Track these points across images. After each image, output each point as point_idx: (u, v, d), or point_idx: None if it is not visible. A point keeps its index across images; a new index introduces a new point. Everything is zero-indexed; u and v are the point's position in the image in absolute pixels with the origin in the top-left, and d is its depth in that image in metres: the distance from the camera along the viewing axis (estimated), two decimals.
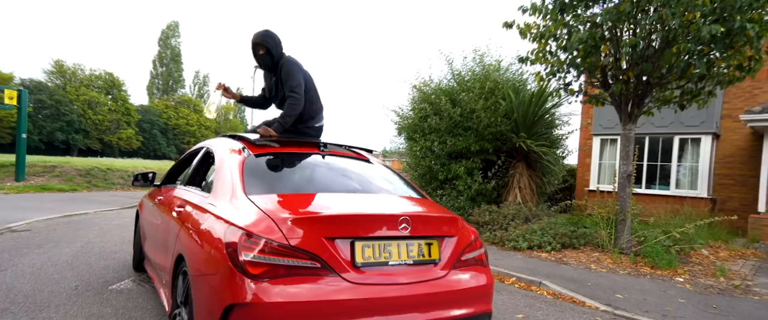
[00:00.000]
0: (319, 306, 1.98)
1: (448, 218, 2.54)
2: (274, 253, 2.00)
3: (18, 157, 12.38)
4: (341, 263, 2.09)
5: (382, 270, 2.18)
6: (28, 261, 4.75)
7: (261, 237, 2.03)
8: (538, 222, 6.99)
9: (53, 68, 54.17)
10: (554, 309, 4.10)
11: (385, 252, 2.23)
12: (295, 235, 2.06)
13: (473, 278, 2.46)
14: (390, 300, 2.12)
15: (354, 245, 2.15)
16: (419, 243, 2.33)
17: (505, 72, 9.08)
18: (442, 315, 2.26)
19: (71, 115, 51.48)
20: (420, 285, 2.22)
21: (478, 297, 2.44)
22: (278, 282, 1.97)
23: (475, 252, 2.54)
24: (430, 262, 2.34)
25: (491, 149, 8.16)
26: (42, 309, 3.31)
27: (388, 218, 2.30)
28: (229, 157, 2.84)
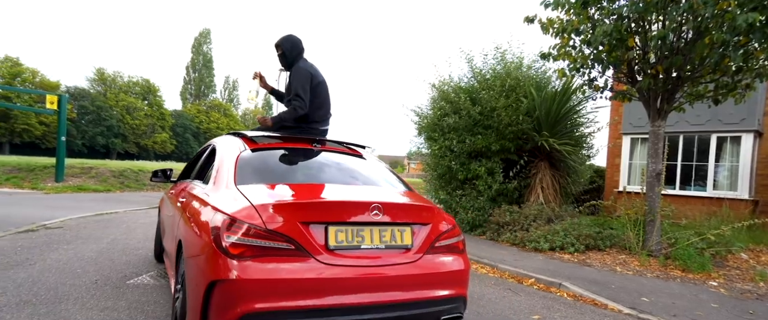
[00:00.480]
0: (291, 284, 2.17)
1: (422, 207, 2.72)
2: (253, 236, 2.20)
3: (58, 159, 13.05)
4: (315, 245, 2.27)
5: (354, 253, 2.35)
6: (56, 256, 4.95)
7: (243, 222, 2.23)
8: (560, 223, 6.75)
9: (95, 76, 56.88)
10: (573, 311, 3.92)
11: (357, 236, 2.39)
12: (273, 220, 2.26)
13: (446, 263, 2.62)
14: (361, 280, 2.30)
15: (328, 229, 2.33)
16: (392, 229, 2.50)
17: (529, 70, 8.86)
18: (414, 296, 2.43)
19: (111, 120, 53.91)
20: (391, 268, 2.40)
21: (451, 281, 2.59)
22: (255, 262, 2.17)
23: (450, 240, 2.69)
24: (402, 247, 2.50)
25: (512, 148, 7.95)
26: (61, 301, 3.43)
27: (360, 205, 2.45)
28: (227, 152, 3.07)
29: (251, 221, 2.23)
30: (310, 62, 3.91)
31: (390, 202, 2.58)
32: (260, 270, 2.16)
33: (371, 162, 3.47)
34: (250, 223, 2.22)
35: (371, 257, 2.38)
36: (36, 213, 8.13)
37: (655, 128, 6.40)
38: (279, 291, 2.16)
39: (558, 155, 7.91)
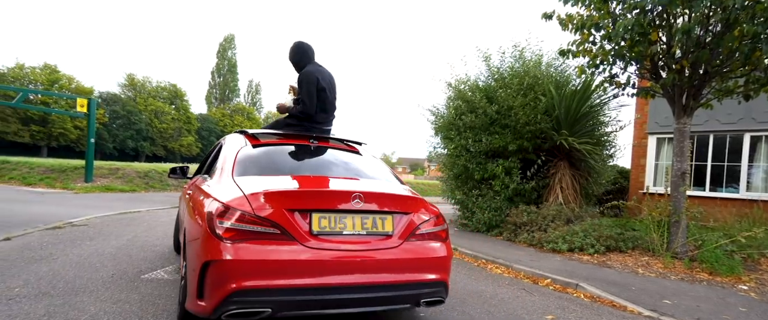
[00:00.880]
0: (276, 265, 2.40)
1: (404, 197, 2.90)
2: (243, 222, 2.44)
3: (87, 160, 13.54)
4: (299, 230, 2.49)
5: (336, 238, 2.57)
6: (78, 251, 5.11)
7: (236, 209, 2.47)
8: (580, 224, 6.54)
9: (126, 81, 58.87)
10: (590, 312, 3.78)
11: (340, 223, 2.60)
12: (261, 207, 2.49)
13: (427, 250, 2.80)
14: (342, 262, 2.52)
15: (311, 216, 2.55)
16: (373, 217, 2.70)
17: (549, 67, 8.66)
18: (394, 279, 2.63)
19: (140, 124, 55.71)
20: (372, 252, 2.60)
21: (431, 267, 2.78)
22: (244, 244, 2.40)
23: (432, 228, 2.88)
24: (383, 234, 2.70)
25: (530, 147, 7.78)
26: (77, 293, 3.52)
27: (342, 194, 2.67)
28: (229, 148, 3.34)
29: (242, 208, 2.47)
30: (319, 66, 4.07)
31: (371, 192, 2.74)
32: (249, 251, 2.39)
33: (366, 157, 3.65)
34: (241, 210, 2.46)
35: (353, 242, 2.59)
36: (64, 211, 8.44)
37: (680, 125, 6.14)
38: (265, 271, 2.38)
39: (578, 155, 7.69)
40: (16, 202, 9.71)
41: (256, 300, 2.38)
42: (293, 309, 2.45)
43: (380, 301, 2.67)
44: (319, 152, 3.51)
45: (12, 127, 47.39)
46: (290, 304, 2.43)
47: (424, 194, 19.35)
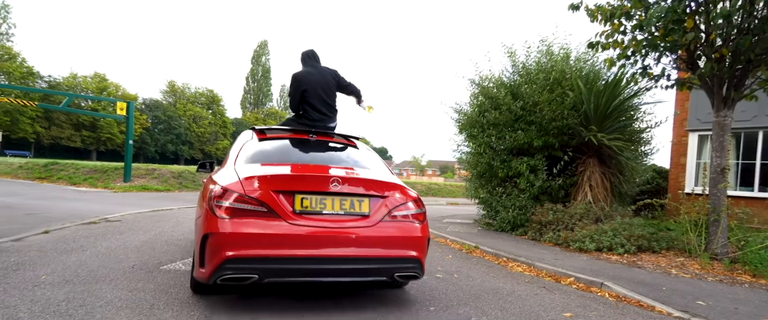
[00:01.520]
0: (262, 237, 2.81)
1: (381, 183, 3.21)
2: (236, 201, 2.86)
3: (125, 162, 14.22)
4: (284, 209, 2.90)
5: (317, 216, 2.96)
6: (106, 244, 5.33)
7: (232, 191, 2.89)
8: (609, 223, 6.21)
9: (167, 88, 61.56)
10: (612, 311, 3.56)
11: (320, 203, 2.99)
12: (252, 189, 2.92)
13: (402, 229, 3.14)
14: (321, 237, 2.89)
15: (294, 197, 2.95)
16: (351, 199, 3.06)
17: (579, 62, 8.33)
18: (368, 253, 2.99)
19: (179, 128, 58.10)
20: (349, 230, 2.96)
21: (405, 245, 3.11)
22: (236, 220, 2.82)
23: (408, 211, 3.21)
24: (360, 214, 3.06)
25: (557, 144, 7.49)
26: (97, 281, 3.66)
27: (322, 179, 3.06)
28: (238, 142, 3.86)
29: (236, 190, 2.89)
30: (310, 69, 4.40)
31: (349, 177, 3.14)
32: (240, 226, 2.81)
33: (361, 150, 4.04)
34: (236, 192, 2.88)
35: (332, 220, 2.97)
36: (102, 208, 8.86)
37: (719, 118, 5.74)
38: (253, 242, 2.79)
39: (608, 152, 7.34)
40: (61, 199, 10.29)
41: (245, 267, 2.79)
42: (276, 276, 2.86)
43: (356, 272, 3.04)
44: (317, 145, 3.94)
45: (66, 132, 50.88)
46: (274, 271, 2.84)
47: (452, 195, 18.99)
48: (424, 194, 20.94)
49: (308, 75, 4.32)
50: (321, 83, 4.31)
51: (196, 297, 3.37)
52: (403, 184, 3.35)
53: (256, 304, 3.26)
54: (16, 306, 2.96)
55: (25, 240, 5.29)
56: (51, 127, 49.68)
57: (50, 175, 15.01)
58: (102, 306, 3.05)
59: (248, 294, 3.47)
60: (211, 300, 3.31)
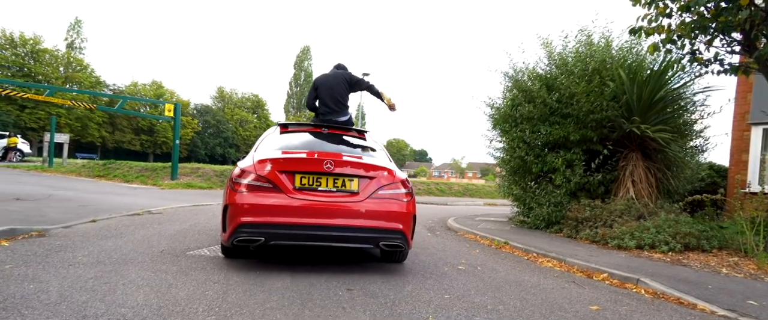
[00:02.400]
0: (268, 207, 3.53)
1: (370, 166, 3.81)
2: (249, 179, 3.62)
3: (172, 161, 14.99)
4: (286, 186, 3.61)
5: (312, 192, 3.64)
6: (143, 232, 5.60)
7: (248, 172, 3.66)
8: (653, 220, 5.77)
9: (216, 94, 64.55)
10: (646, 306, 3.28)
11: (316, 181, 3.66)
12: (263, 170, 3.65)
13: (386, 205, 3.71)
14: (315, 208, 3.57)
15: (294, 176, 3.65)
16: (343, 179, 3.70)
17: (621, 51, 7.85)
18: (356, 223, 3.60)
19: (227, 132, 60.72)
20: (340, 204, 3.62)
21: (389, 218, 3.68)
22: (249, 194, 3.58)
23: (393, 191, 3.78)
24: (349, 191, 3.70)
25: (595, 137, 7.07)
26: (126, 263, 3.83)
27: (317, 161, 3.73)
28: (263, 134, 4.61)
29: (251, 170, 3.66)
30: (327, 73, 5.27)
31: (341, 160, 3.75)
32: (251, 198, 3.56)
33: (368, 141, 4.68)
34: (250, 172, 3.64)
35: (325, 195, 3.64)
36: (147, 202, 9.36)
37: None
38: (261, 211, 3.52)
39: (653, 145, 6.84)
40: (113, 195, 10.99)
41: (254, 231, 3.50)
42: (278, 239, 3.55)
43: (346, 239, 3.66)
44: (328, 136, 4.57)
45: (127, 136, 54.82)
46: (276, 235, 3.53)
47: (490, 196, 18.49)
48: (461, 195, 20.57)
49: (322, 77, 5.23)
50: (331, 83, 5.13)
51: (213, 278, 3.44)
52: (392, 168, 3.92)
53: (271, 288, 3.28)
54: (48, 281, 3.15)
55: (73, 227, 5.67)
56: (114, 132, 53.66)
57: (107, 173, 16.13)
58: (125, 284, 3.18)
59: (262, 280, 3.51)
60: (227, 278, 3.37)
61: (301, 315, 2.70)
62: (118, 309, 2.65)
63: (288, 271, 3.78)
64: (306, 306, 2.87)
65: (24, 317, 2.43)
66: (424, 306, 3.01)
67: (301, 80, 71.13)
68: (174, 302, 2.83)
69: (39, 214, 6.44)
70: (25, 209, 6.85)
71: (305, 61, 71.61)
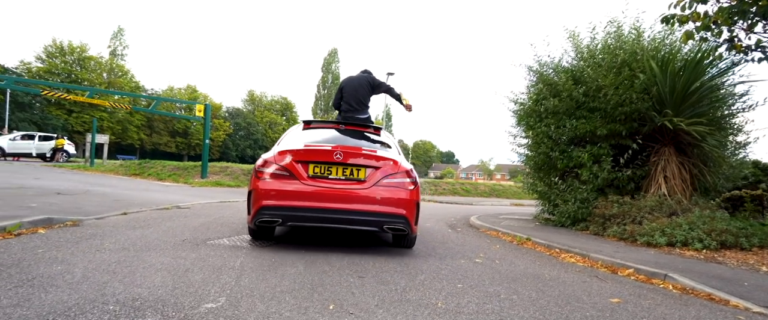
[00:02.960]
0: (285, 192, 3.99)
1: (377, 157, 4.20)
2: (271, 168, 4.10)
3: (202, 160, 15.46)
4: (301, 174, 4.05)
5: (323, 180, 4.07)
6: (169, 224, 5.78)
7: (269, 162, 4.13)
8: (686, 216, 5.47)
9: (247, 97, 66.20)
10: (672, 301, 3.11)
11: (327, 170, 4.09)
12: (282, 160, 4.12)
13: (390, 192, 4.06)
14: (326, 194, 3.99)
15: (308, 165, 4.09)
16: (351, 168, 4.10)
17: (654, 41, 7.52)
18: (362, 207, 3.98)
19: (257, 134, 62.12)
20: (348, 190, 4.02)
21: (393, 204, 4.03)
22: (269, 180, 4.06)
23: (397, 180, 4.12)
24: (356, 179, 4.09)
25: (624, 131, 6.79)
26: (148, 250, 3.96)
27: (328, 152, 4.11)
28: (288, 130, 5.15)
29: (271, 161, 4.14)
30: (352, 76, 5.84)
31: (351, 152, 4.13)
32: (271, 184, 4.03)
33: (381, 136, 5.08)
34: (271, 162, 4.12)
35: (335, 183, 4.05)
36: (177, 198, 9.68)
37: None
38: (279, 196, 3.99)
39: (688, 139, 6.50)
40: (145, 191, 11.43)
41: (273, 213, 3.97)
42: (293, 220, 3.98)
43: (353, 222, 4.00)
44: (345, 132, 4.98)
45: (163, 139, 57.08)
46: (291, 217, 3.97)
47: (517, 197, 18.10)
48: (487, 195, 20.22)
49: (348, 80, 5.80)
50: (355, 85, 5.70)
51: (229, 264, 3.51)
52: (398, 159, 4.29)
53: (284, 274, 3.31)
54: (75, 263, 3.29)
55: (105, 219, 5.92)
56: (152, 134, 55.99)
57: (142, 172, 16.81)
58: (145, 267, 3.29)
59: (276, 267, 3.54)
60: (243, 265, 3.43)
61: (310, 298, 2.71)
62: (135, 289, 2.74)
63: (303, 261, 3.81)
64: (316, 290, 2.88)
65: (47, 293, 2.54)
66: (435, 293, 2.96)
67: (328, 82, 71.95)
68: (189, 284, 2.89)
69: (75, 207, 6.76)
70: (64, 202, 7.21)
71: (332, 63, 72.41)
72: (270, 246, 4.37)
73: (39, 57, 45.69)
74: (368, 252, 4.43)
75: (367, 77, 5.77)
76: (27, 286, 2.65)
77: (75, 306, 2.37)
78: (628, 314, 2.73)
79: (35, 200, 6.87)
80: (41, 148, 23.12)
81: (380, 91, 5.92)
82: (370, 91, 5.75)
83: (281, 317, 2.37)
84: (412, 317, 2.45)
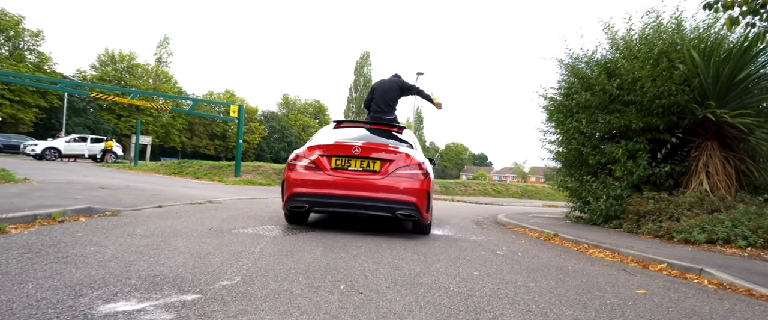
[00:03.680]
0: (312, 182, 4.58)
1: (391, 151, 4.69)
2: (300, 161, 4.71)
3: (236, 159, 15.94)
4: (325, 166, 4.64)
5: (344, 171, 4.61)
6: (199, 215, 5.99)
7: (299, 156, 4.76)
8: (730, 213, 5.12)
9: (282, 101, 67.80)
10: (704, 294, 2.93)
11: (347, 163, 4.63)
12: (310, 154, 4.73)
13: (402, 182, 4.53)
14: (346, 183, 4.53)
15: (331, 158, 4.65)
16: (368, 161, 4.61)
17: (695, 30, 7.12)
18: (377, 195, 4.48)
19: (291, 137, 63.49)
20: (365, 180, 4.54)
21: (404, 192, 4.49)
22: (299, 172, 4.66)
23: (408, 171, 4.58)
24: (372, 170, 4.59)
25: (662, 125, 6.44)
26: (176, 236, 4.11)
27: (347, 147, 4.66)
28: (321, 129, 5.71)
29: (301, 155, 4.77)
30: (383, 79, 6.36)
31: (368, 147, 4.66)
32: (300, 175, 4.64)
33: (403, 134, 5.50)
34: (302, 156, 4.75)
35: (354, 173, 4.59)
36: (210, 194, 10.02)
37: None
38: (306, 184, 4.57)
39: (733, 132, 6.10)
40: (182, 187, 11.91)
41: (301, 199, 4.55)
42: (317, 206, 4.58)
43: (367, 207, 4.49)
44: (371, 130, 5.46)
45: (203, 141, 59.45)
46: (316, 203, 4.55)
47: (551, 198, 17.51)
48: (519, 196, 19.72)
49: (379, 83, 6.31)
50: (386, 88, 6.17)
51: (249, 249, 3.60)
52: (411, 153, 4.71)
53: (300, 259, 3.35)
54: (106, 245, 3.47)
55: (141, 210, 6.20)
56: (192, 137, 58.43)
57: (181, 171, 17.54)
58: (170, 250, 3.42)
59: (294, 252, 3.60)
60: (262, 251, 3.50)
61: (322, 279, 2.73)
62: (158, 267, 2.85)
63: (321, 248, 3.85)
64: (329, 273, 2.90)
65: (78, 268, 2.70)
66: (449, 278, 2.92)
67: (360, 85, 72.58)
68: (208, 265, 2.99)
69: (116, 199, 7.13)
70: (106, 195, 7.62)
71: (365, 67, 73.02)
72: (291, 235, 4.45)
73: (93, 65, 48.87)
74: (386, 242, 4.42)
75: (397, 81, 6.27)
76: (61, 262, 2.82)
77: (100, 279, 2.50)
78: (652, 304, 2.58)
79: (81, 193, 7.30)
80: (92, 149, 24.84)
81: (410, 93, 6.42)
82: (399, 94, 6.23)
83: (292, 294, 2.41)
84: (422, 297, 2.43)
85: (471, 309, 2.24)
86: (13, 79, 25.43)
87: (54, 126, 42.42)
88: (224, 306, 2.16)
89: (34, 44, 43.23)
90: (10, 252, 2.97)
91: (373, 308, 2.21)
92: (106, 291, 2.30)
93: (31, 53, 43.18)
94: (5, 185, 7.54)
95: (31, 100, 40.78)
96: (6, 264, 2.65)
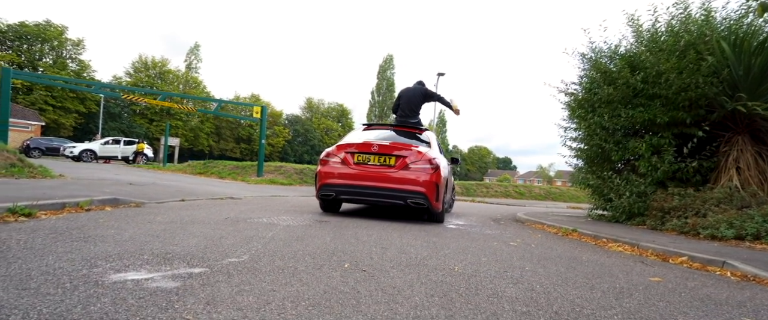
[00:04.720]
0: (339, 174, 5.39)
1: (405, 147, 5.40)
2: (330, 158, 5.57)
3: (258, 159, 16.23)
4: (349, 161, 5.42)
5: (364, 166, 5.36)
6: (218, 209, 6.12)
7: (330, 153, 5.62)
8: (761, 209, 4.88)
9: (305, 104, 68.74)
10: (723, 284, 2.80)
11: (366, 159, 5.37)
12: (338, 152, 5.54)
13: (413, 174, 5.19)
14: (366, 175, 5.29)
15: (354, 155, 5.42)
16: (384, 157, 5.34)
17: (726, 20, 6.83)
18: (392, 185, 5.20)
19: (314, 140, 64.22)
20: (382, 173, 5.26)
21: (415, 184, 5.17)
22: (329, 166, 5.52)
23: (419, 165, 5.24)
24: (388, 165, 5.31)
25: (688, 119, 6.20)
26: (193, 224, 4.24)
27: (367, 145, 5.42)
28: (352, 130, 5.48)
29: (331, 152, 5.61)
30: (409, 86, 7.18)
31: (385, 145, 5.40)
32: (330, 168, 5.48)
33: (423, 135, 6.22)
34: (332, 153, 5.59)
35: (373, 168, 5.33)
36: (231, 191, 10.24)
37: None
38: (334, 176, 5.40)
39: (766, 125, 5.81)
40: (205, 185, 12.23)
41: (330, 189, 5.39)
42: (342, 195, 5.39)
43: (383, 196, 5.22)
44: (394, 131, 6.22)
45: (229, 145, 60.91)
46: (342, 192, 5.37)
47: (575, 200, 17.02)
48: (542, 198, 19.29)
49: (405, 90, 7.13)
50: (410, 95, 7.01)
51: (260, 234, 3.67)
52: (423, 150, 5.38)
53: (309, 243, 3.39)
54: (126, 229, 3.61)
55: (164, 204, 6.41)
56: (219, 141, 59.98)
57: (206, 171, 18.02)
58: (184, 234, 3.53)
59: (304, 238, 3.64)
60: (274, 236, 3.56)
61: (328, 260, 2.76)
62: (171, 247, 2.95)
63: (331, 235, 3.89)
64: (335, 254, 2.93)
65: (96, 246, 2.82)
66: (456, 262, 2.90)
67: (383, 88, 72.81)
68: (219, 246, 3.07)
69: (141, 193, 7.39)
70: (133, 190, 7.91)
71: (387, 70, 73.24)
72: (304, 224, 4.51)
73: (127, 72, 50.96)
74: (397, 231, 4.42)
75: (420, 89, 7.09)
76: (81, 241, 2.95)
77: (115, 255, 2.61)
78: (664, 289, 2.49)
79: (110, 188, 7.60)
80: (125, 151, 26.12)
81: (432, 100, 7.26)
82: (422, 100, 7.04)
83: (296, 270, 2.44)
84: (424, 276, 2.42)
85: (472, 286, 2.22)
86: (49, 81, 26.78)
87: (91, 130, 44.44)
88: (229, 277, 2.22)
89: (75, 53, 45.51)
90: (37, 233, 3.13)
91: (374, 283, 2.22)
92: (120, 263, 2.40)
93: (73, 61, 45.43)
94: (42, 179, 7.94)
95: (72, 105, 42.89)
96: (31, 242, 2.80)
